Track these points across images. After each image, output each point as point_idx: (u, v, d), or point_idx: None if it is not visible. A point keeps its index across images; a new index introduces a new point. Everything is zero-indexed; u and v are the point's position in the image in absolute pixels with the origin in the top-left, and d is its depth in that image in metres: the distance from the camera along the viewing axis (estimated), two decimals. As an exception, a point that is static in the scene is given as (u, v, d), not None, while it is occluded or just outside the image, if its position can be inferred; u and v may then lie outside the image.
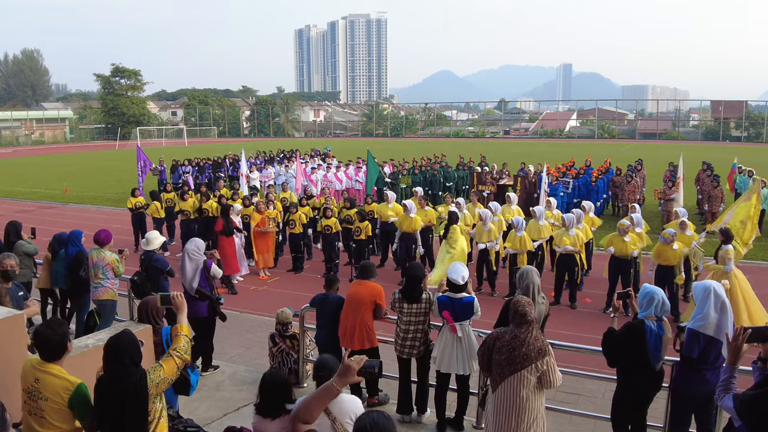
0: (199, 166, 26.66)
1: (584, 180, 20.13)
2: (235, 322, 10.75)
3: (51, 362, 4.08)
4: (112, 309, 8.55)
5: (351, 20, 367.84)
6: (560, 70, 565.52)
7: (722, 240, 9.86)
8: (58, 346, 4.09)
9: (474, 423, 6.55)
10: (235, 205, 13.70)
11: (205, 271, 8.01)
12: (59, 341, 4.09)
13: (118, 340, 4.03)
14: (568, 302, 11.45)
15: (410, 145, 61.59)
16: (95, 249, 8.57)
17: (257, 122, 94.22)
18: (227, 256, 12.36)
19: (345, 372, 3.46)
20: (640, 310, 5.35)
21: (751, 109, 79.11)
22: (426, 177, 22.84)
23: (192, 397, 5.77)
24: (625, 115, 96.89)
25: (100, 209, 23.65)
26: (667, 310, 5.32)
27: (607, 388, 6.05)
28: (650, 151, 45.63)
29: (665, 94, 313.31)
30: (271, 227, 13.47)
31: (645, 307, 5.31)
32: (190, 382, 4.98)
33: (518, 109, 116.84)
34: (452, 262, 7.88)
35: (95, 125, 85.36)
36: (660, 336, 5.18)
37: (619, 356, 5.36)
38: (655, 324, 5.22)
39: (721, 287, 5.26)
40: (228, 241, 12.62)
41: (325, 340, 7.11)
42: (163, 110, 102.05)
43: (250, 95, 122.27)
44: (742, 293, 9.19)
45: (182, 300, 4.77)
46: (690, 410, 5.33)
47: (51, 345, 4.08)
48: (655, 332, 5.17)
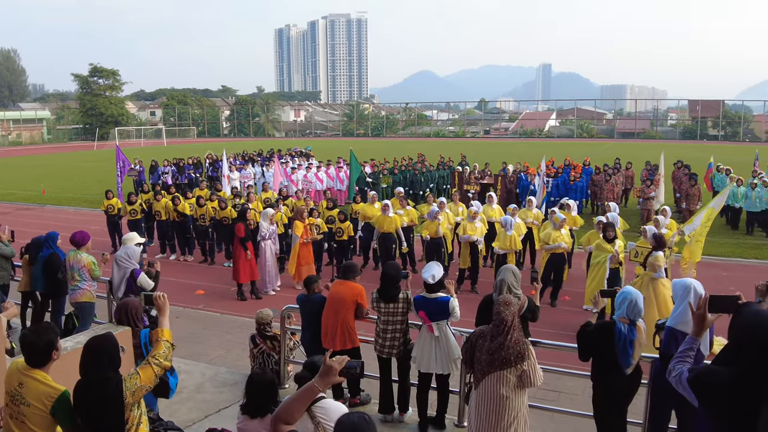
0: (178, 167, 26.47)
1: (563, 179, 20.30)
2: (215, 323, 10.71)
3: (36, 368, 4.01)
4: (91, 311, 8.47)
5: (331, 20, 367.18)
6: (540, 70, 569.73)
7: (653, 246, 9.26)
8: (41, 353, 4.00)
9: (455, 421, 6.56)
10: (267, 209, 12.87)
11: (132, 281, 7.73)
12: (43, 348, 3.99)
13: (100, 340, 3.95)
14: (548, 300, 11.56)
15: (391, 144, 61.61)
16: (72, 251, 8.47)
17: (237, 122, 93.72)
18: (241, 262, 11.90)
19: (326, 372, 3.44)
20: (615, 310, 5.39)
21: (728, 108, 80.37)
22: (407, 177, 22.87)
23: (172, 399, 5.73)
24: (604, 114, 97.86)
25: (78, 210, 23.38)
26: (638, 312, 5.25)
27: (587, 385, 6.10)
28: (629, 150, 46.03)
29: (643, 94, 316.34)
30: (317, 235, 12.68)
31: (617, 308, 5.34)
32: (170, 385, 4.92)
33: (498, 109, 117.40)
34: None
35: (73, 126, 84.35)
36: (630, 340, 5.15)
37: (590, 352, 5.41)
38: (626, 327, 5.19)
39: (701, 286, 5.24)
40: (249, 245, 11.95)
41: (310, 341, 7.08)
42: (141, 110, 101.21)
43: (229, 95, 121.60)
44: (658, 306, 8.65)
45: (165, 301, 4.60)
46: (669, 407, 5.37)
47: (35, 351, 4.00)
48: (624, 335, 5.15)
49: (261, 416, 4.07)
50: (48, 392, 3.95)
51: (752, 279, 12.60)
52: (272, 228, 12.49)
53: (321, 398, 3.63)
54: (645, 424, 5.66)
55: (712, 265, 14.07)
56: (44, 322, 6.93)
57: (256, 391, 4.14)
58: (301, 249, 12.23)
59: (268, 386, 4.19)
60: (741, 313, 3.32)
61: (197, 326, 10.42)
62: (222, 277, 13.56)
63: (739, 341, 3.24)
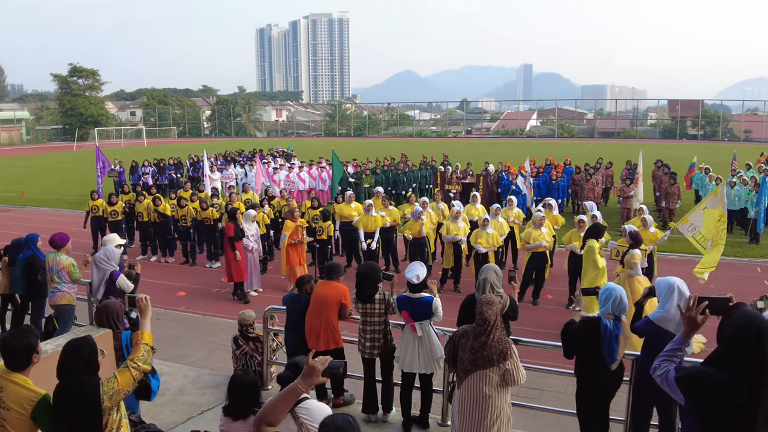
0: (158, 167, 26.30)
1: (544, 178, 20.43)
2: (197, 325, 10.65)
3: (15, 371, 3.96)
4: (71, 314, 8.37)
5: (313, 19, 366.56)
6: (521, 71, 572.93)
7: (630, 244, 9.36)
8: (21, 357, 3.94)
9: (439, 420, 6.58)
10: (249, 211, 12.65)
11: (110, 283, 7.61)
12: (22, 352, 3.94)
13: (78, 344, 3.90)
14: (530, 298, 11.63)
15: (373, 144, 61.63)
16: (52, 252, 8.37)
17: (218, 122, 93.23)
18: (233, 262, 11.79)
19: (309, 373, 3.43)
20: (600, 307, 5.43)
21: (707, 108, 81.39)
22: (389, 177, 22.88)
23: (155, 402, 5.69)
24: (585, 114, 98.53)
25: (58, 212, 23.12)
26: (624, 308, 5.33)
27: (570, 383, 6.15)
28: (609, 149, 46.40)
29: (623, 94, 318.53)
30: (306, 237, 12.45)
31: (602, 304, 5.39)
32: (152, 387, 4.88)
33: (480, 109, 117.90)
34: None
35: (52, 126, 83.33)
36: (616, 335, 5.21)
37: (574, 350, 5.45)
38: (612, 323, 5.25)
39: (684, 284, 5.28)
40: (238, 245, 11.79)
41: (295, 342, 7.06)
42: (121, 110, 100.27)
43: (210, 95, 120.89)
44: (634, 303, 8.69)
45: (147, 303, 4.55)
46: (651, 404, 5.41)
47: (13, 354, 3.95)
48: (610, 330, 5.21)
49: (244, 418, 4.07)
50: (28, 396, 3.90)
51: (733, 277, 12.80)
52: (254, 229, 12.39)
53: (304, 399, 3.62)
54: (627, 420, 5.71)
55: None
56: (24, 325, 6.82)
57: (239, 393, 4.13)
58: (290, 249, 12.11)
59: (251, 387, 4.18)
60: (731, 315, 3.33)
61: (179, 328, 10.36)
62: (204, 279, 13.50)
63: (729, 343, 3.25)
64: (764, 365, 3.12)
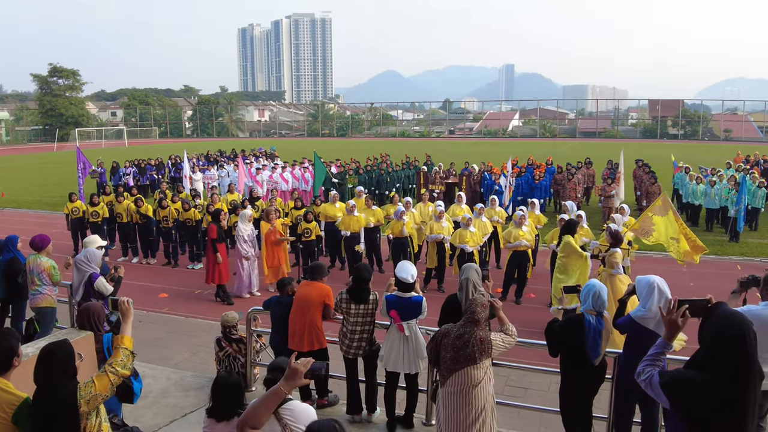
0: (139, 168, 26.10)
1: (526, 178, 20.54)
2: (179, 327, 10.58)
3: None
4: (52, 316, 8.27)
5: (295, 19, 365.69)
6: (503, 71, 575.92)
7: (610, 243, 9.42)
8: (2, 360, 3.87)
9: (423, 420, 6.59)
10: (245, 210, 12.50)
11: (89, 285, 7.51)
12: (3, 355, 3.87)
13: (54, 348, 3.86)
14: (513, 297, 11.69)
15: (356, 144, 61.61)
16: (33, 255, 8.28)
17: (200, 122, 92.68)
18: (216, 265, 11.67)
19: (292, 375, 3.43)
20: (582, 304, 5.49)
21: (687, 108, 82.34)
22: (372, 177, 22.87)
23: (137, 405, 5.64)
24: (566, 114, 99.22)
25: (39, 213, 22.85)
26: (603, 303, 5.40)
27: (553, 381, 6.20)
28: (590, 149, 46.69)
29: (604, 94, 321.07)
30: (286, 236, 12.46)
31: (584, 301, 5.46)
32: (134, 390, 4.85)
33: (462, 109, 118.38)
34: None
35: (32, 127, 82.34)
36: (599, 330, 5.29)
37: (559, 348, 5.50)
38: (594, 318, 5.33)
39: (664, 282, 5.35)
40: (220, 247, 11.74)
41: (279, 344, 7.04)
42: (102, 111, 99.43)
43: (192, 95, 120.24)
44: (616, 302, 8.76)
45: (129, 307, 4.51)
46: (634, 401, 5.47)
47: None
48: (593, 326, 5.29)
49: (227, 419, 4.05)
50: (9, 400, 3.85)
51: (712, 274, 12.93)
52: (250, 229, 12.21)
53: (288, 400, 3.62)
54: (610, 417, 5.76)
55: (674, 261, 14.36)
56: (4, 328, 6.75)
57: (222, 395, 4.11)
58: (268, 249, 12.15)
59: (234, 389, 4.17)
60: (711, 317, 3.35)
61: (161, 330, 10.29)
62: (186, 280, 13.41)
63: (710, 345, 3.28)
64: (747, 365, 3.15)
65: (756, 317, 4.78)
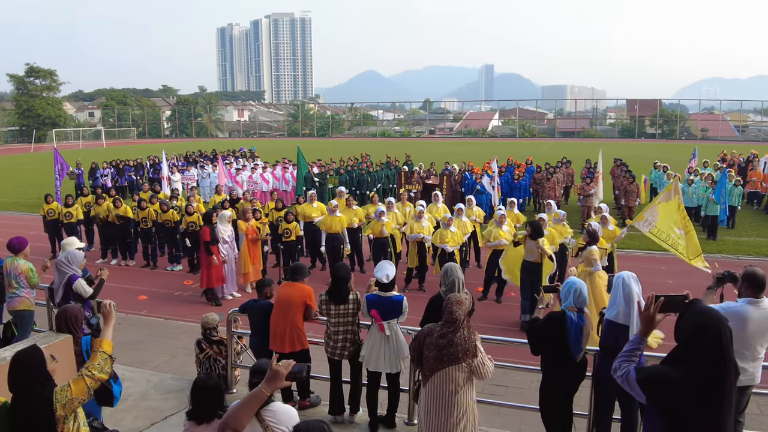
0: (117, 169, 25.86)
1: (506, 178, 20.65)
2: (159, 329, 10.50)
3: None
4: (30, 319, 8.15)
5: (275, 19, 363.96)
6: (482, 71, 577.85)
7: (587, 241, 9.54)
8: None
9: (405, 420, 6.60)
10: (224, 212, 12.29)
11: (68, 287, 7.40)
12: None
13: (23, 354, 3.82)
14: (494, 296, 11.74)
15: (337, 144, 61.53)
16: (10, 257, 8.16)
17: (178, 122, 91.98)
18: (212, 267, 11.49)
19: (273, 377, 3.42)
20: (562, 301, 5.54)
21: (664, 108, 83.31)
22: (353, 177, 22.86)
23: (117, 408, 5.59)
24: (545, 114, 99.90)
25: (15, 215, 22.55)
26: (584, 300, 5.47)
27: (533, 379, 6.23)
28: (569, 149, 47.02)
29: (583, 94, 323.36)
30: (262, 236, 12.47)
31: (564, 299, 5.52)
32: (114, 393, 4.80)
33: (442, 109, 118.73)
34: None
35: (9, 128, 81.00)
36: (580, 327, 5.35)
37: (541, 345, 5.54)
38: (576, 315, 5.39)
39: (630, 277, 5.47)
40: (215, 250, 11.51)
41: (259, 346, 7.00)
42: (80, 111, 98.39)
43: (170, 95, 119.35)
44: (595, 298, 8.71)
45: (110, 310, 4.45)
46: (613, 397, 5.55)
47: None
48: (575, 323, 5.34)
49: (208, 422, 4.02)
50: None
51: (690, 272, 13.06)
52: (230, 230, 12.12)
53: (270, 401, 3.60)
54: (590, 414, 5.82)
55: (651, 259, 14.54)
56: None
57: (202, 397, 4.08)
58: (250, 248, 12.18)
59: (214, 391, 4.13)
60: (688, 313, 3.38)
61: (141, 332, 10.19)
62: (165, 282, 13.31)
63: (687, 341, 3.30)
64: (723, 361, 3.19)
65: (733, 314, 4.87)
